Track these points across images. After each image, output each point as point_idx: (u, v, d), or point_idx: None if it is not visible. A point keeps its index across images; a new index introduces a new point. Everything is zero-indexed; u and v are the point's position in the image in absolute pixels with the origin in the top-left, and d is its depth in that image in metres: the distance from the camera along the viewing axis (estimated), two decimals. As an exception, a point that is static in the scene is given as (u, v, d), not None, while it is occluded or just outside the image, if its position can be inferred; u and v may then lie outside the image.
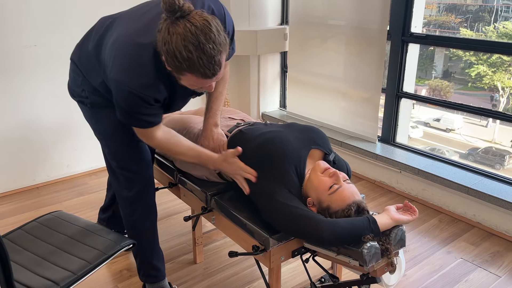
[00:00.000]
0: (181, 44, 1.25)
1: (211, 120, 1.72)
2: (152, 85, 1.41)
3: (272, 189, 1.49)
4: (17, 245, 1.50)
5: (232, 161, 1.60)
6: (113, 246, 1.50)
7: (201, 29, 1.26)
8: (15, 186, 2.85)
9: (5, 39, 2.60)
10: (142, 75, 1.39)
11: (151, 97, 1.43)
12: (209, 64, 1.29)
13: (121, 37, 1.44)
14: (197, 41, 1.25)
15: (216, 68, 1.31)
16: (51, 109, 2.87)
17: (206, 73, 1.30)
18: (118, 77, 1.41)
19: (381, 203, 2.71)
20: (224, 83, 1.75)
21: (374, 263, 1.38)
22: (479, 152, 4.28)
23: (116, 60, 1.41)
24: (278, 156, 1.54)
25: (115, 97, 1.46)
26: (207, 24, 1.27)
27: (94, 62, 1.57)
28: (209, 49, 1.27)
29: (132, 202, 1.76)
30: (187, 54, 1.26)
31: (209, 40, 1.26)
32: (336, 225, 1.39)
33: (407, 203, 1.48)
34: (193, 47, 1.25)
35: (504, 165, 4.16)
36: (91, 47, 1.58)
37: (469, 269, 2.11)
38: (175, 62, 1.29)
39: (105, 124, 1.68)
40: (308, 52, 3.28)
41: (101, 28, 1.57)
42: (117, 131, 1.67)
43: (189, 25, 1.25)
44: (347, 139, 3.08)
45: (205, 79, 1.33)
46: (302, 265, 2.06)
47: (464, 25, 4.36)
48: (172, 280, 2.03)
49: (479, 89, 4.57)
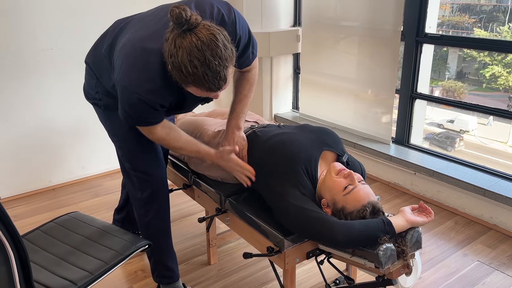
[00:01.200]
0: (187, 59, 1.25)
1: (233, 122, 1.72)
2: (158, 91, 1.41)
3: (284, 191, 1.49)
4: (35, 246, 1.53)
5: (228, 158, 1.64)
6: (129, 246, 1.51)
7: (208, 44, 1.25)
8: (31, 187, 2.89)
9: (22, 43, 2.65)
10: (149, 81, 1.39)
11: (157, 103, 1.43)
12: (214, 79, 1.29)
13: (130, 41, 1.44)
14: (203, 57, 1.25)
15: (221, 83, 1.32)
16: (67, 111, 2.90)
17: (211, 88, 1.31)
18: (125, 82, 1.41)
19: (396, 205, 2.69)
20: (250, 86, 1.74)
21: (390, 265, 1.37)
22: (435, 136, 4.63)
23: (124, 64, 1.42)
24: (289, 157, 1.53)
25: (120, 99, 1.47)
26: (213, 39, 1.26)
27: (107, 64, 1.58)
28: (215, 66, 1.27)
29: (146, 204, 1.78)
30: (192, 70, 1.26)
31: (215, 56, 1.26)
32: (350, 227, 1.38)
33: (422, 204, 1.46)
34: (198, 63, 1.26)
35: (455, 147, 4.46)
36: (104, 49, 1.59)
37: (486, 272, 2.08)
38: (180, 75, 1.29)
39: (118, 126, 1.70)
40: (321, 54, 3.27)
41: (115, 30, 1.59)
42: (130, 133, 1.68)
43: (195, 39, 1.25)
44: (361, 140, 3.07)
45: (210, 92, 1.34)
46: (317, 267, 2.06)
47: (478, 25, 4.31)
48: (186, 281, 2.04)
49: (493, 90, 4.51)
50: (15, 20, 2.60)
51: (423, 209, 1.46)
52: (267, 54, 3.36)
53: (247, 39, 1.57)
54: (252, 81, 1.74)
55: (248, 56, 1.61)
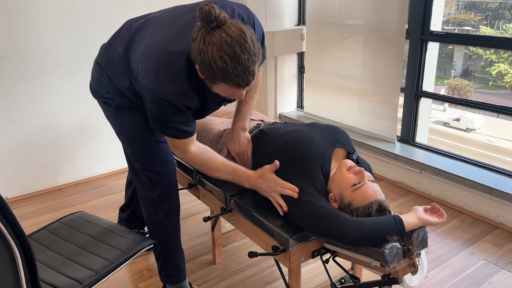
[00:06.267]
0: (217, 55, 1.26)
1: (239, 123, 1.72)
2: (184, 92, 1.42)
3: (299, 188, 1.49)
4: (41, 245, 1.53)
5: (269, 177, 1.54)
6: (134, 246, 1.51)
7: (237, 40, 1.27)
8: (38, 187, 2.91)
9: (28, 44, 2.66)
10: (174, 82, 1.40)
11: (183, 104, 1.43)
12: (243, 74, 1.30)
13: (153, 44, 1.44)
14: (232, 52, 1.26)
15: (250, 78, 1.32)
16: (72, 111, 2.92)
17: (240, 83, 1.32)
18: (150, 85, 1.41)
19: (401, 204, 2.68)
20: (255, 88, 1.76)
21: (396, 264, 1.36)
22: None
23: (149, 67, 1.42)
24: (305, 154, 1.53)
25: (147, 104, 1.47)
26: (242, 35, 1.28)
27: (123, 66, 1.57)
28: (244, 60, 1.28)
29: (156, 203, 1.78)
30: (222, 65, 1.27)
31: (244, 51, 1.27)
32: (362, 224, 1.37)
33: (435, 205, 1.44)
34: (228, 58, 1.26)
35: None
36: (119, 51, 1.58)
37: (492, 271, 2.07)
38: (209, 71, 1.30)
39: (130, 125, 1.70)
40: (326, 52, 3.27)
41: (129, 31, 1.58)
42: (141, 132, 1.69)
43: (225, 35, 1.26)
44: (366, 139, 3.06)
45: (238, 89, 1.34)
46: (322, 266, 2.06)
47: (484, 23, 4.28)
48: (191, 280, 2.04)
49: (500, 88, 4.48)
50: (21, 21, 2.61)
51: (435, 210, 1.44)
52: (272, 53, 3.36)
53: (261, 43, 1.59)
54: (257, 83, 1.77)
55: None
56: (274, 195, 1.53)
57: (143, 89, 1.45)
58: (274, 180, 1.53)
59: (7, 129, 2.71)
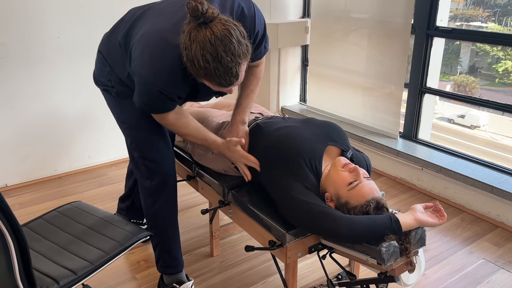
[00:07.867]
0: (200, 53, 1.26)
1: (239, 116, 1.72)
2: (176, 82, 1.43)
3: (288, 185, 1.47)
4: (37, 234, 1.53)
5: (234, 149, 1.63)
6: (130, 237, 1.51)
7: (221, 40, 1.26)
8: (38, 175, 2.91)
9: (30, 31, 2.64)
10: (167, 72, 1.40)
11: (175, 94, 1.45)
12: (225, 75, 1.30)
13: (149, 32, 1.44)
14: (215, 52, 1.26)
15: (232, 79, 1.32)
16: (73, 100, 2.91)
17: (222, 83, 1.33)
18: (143, 72, 1.42)
19: (402, 201, 2.66)
20: (257, 81, 1.75)
21: (393, 262, 1.35)
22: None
23: (142, 55, 1.42)
24: (293, 151, 1.52)
25: (137, 89, 1.48)
26: (227, 35, 1.26)
27: (122, 53, 1.58)
28: (227, 62, 1.27)
29: (154, 192, 1.77)
30: (204, 64, 1.27)
31: (228, 52, 1.27)
32: (355, 221, 1.36)
33: (438, 204, 1.41)
34: (211, 58, 1.26)
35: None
36: (120, 37, 1.59)
37: (491, 270, 2.06)
38: (193, 68, 1.31)
39: (129, 113, 1.70)
40: (330, 46, 3.23)
41: (131, 19, 1.58)
42: (141, 121, 1.69)
43: (210, 33, 1.25)
44: (368, 134, 3.03)
45: (221, 87, 1.35)
46: (319, 261, 2.05)
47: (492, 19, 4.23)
48: (188, 272, 2.04)
49: (506, 85, 4.44)
50: (23, 9, 2.59)
51: (437, 210, 1.41)
52: (275, 46, 3.33)
53: (262, 34, 1.58)
54: (259, 76, 1.76)
55: (261, 50, 1.63)
56: (240, 164, 1.65)
57: (135, 75, 1.46)
58: (238, 152, 1.63)
59: (7, 116, 2.71)
